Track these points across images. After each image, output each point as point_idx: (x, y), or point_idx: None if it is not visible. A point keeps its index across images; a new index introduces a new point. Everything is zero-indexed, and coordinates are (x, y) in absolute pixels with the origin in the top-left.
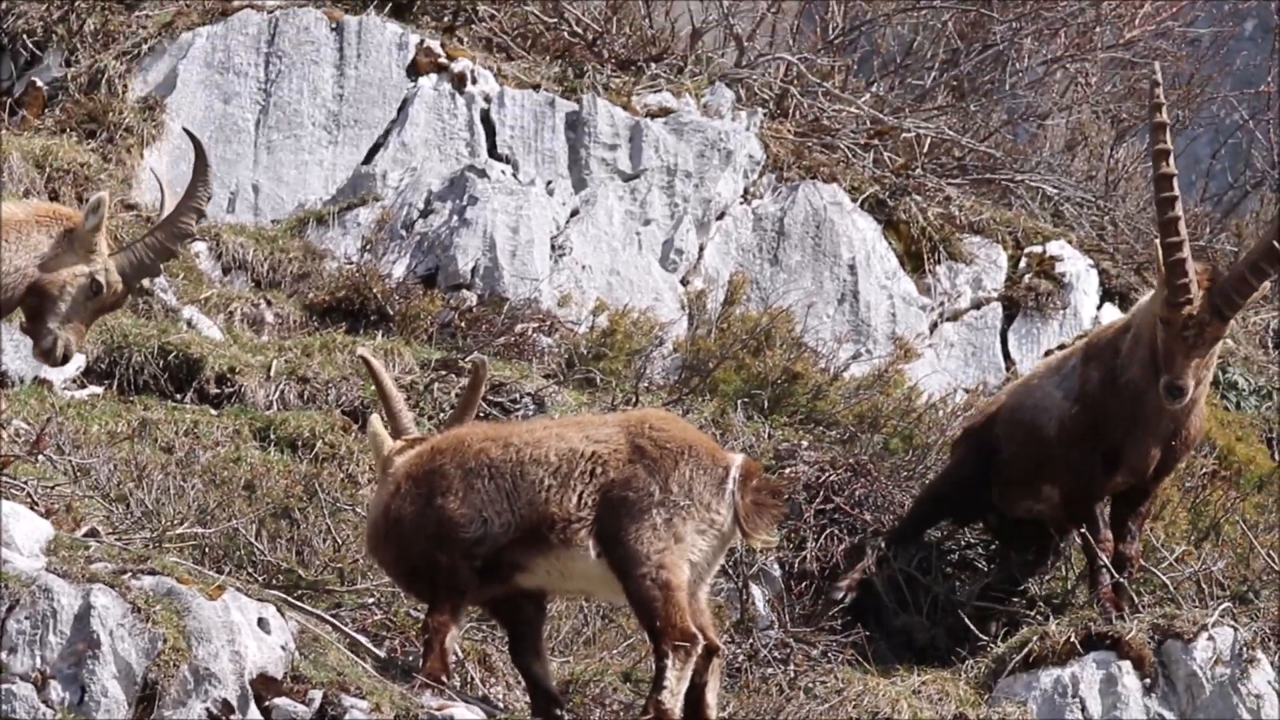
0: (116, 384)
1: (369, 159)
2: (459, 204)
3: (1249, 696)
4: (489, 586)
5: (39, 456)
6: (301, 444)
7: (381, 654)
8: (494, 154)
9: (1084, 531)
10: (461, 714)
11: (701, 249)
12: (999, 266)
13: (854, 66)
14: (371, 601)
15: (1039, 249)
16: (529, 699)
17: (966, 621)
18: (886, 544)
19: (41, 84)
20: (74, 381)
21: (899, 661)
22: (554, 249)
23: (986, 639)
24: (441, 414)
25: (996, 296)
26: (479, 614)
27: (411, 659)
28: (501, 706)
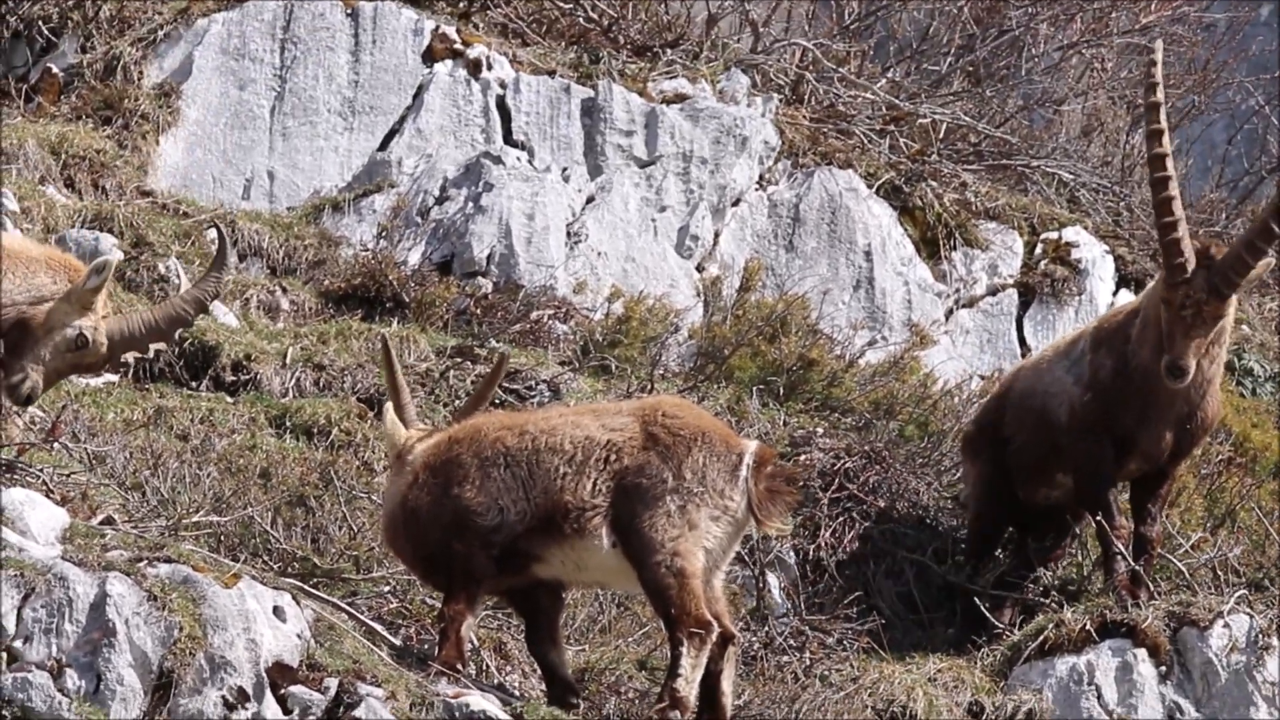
0: (132, 372)
1: (384, 145)
2: (474, 191)
3: (1264, 684)
4: (505, 576)
5: (54, 444)
6: (317, 431)
7: (397, 642)
8: (509, 140)
9: (1098, 519)
10: (477, 702)
11: (717, 235)
12: (1015, 253)
13: (870, 52)
14: (387, 589)
15: (1055, 235)
16: (545, 687)
17: (982, 609)
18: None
19: (57, 70)
20: None
21: (914, 649)
22: (569, 236)
23: (1002, 627)
24: (457, 401)
25: (1012, 283)
26: (495, 602)
27: (427, 647)
28: (517, 694)
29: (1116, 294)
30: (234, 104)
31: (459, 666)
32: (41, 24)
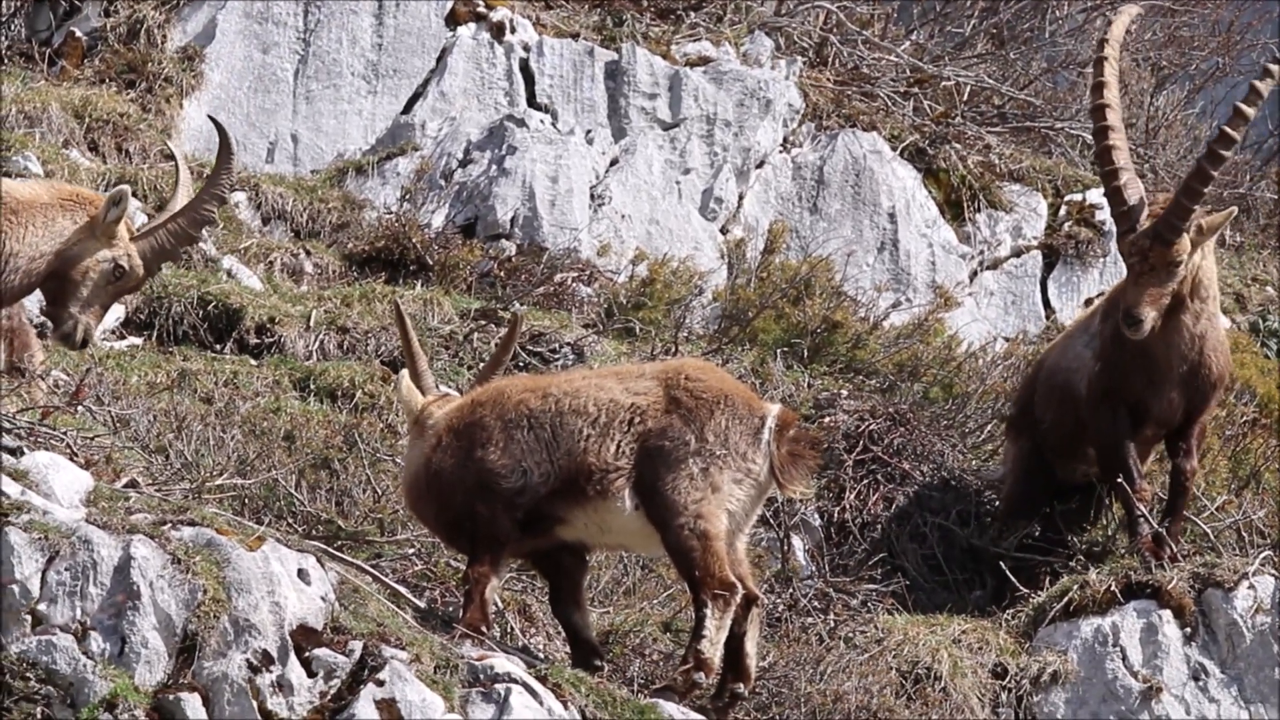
0: (156, 334)
1: (408, 109)
2: (498, 153)
3: None
4: (529, 539)
5: (78, 407)
6: (341, 394)
7: (422, 605)
8: (533, 103)
9: (1120, 481)
10: (502, 664)
11: (741, 198)
12: (1039, 214)
13: (893, 14)
14: (412, 552)
15: (1079, 197)
16: (569, 649)
17: (1006, 573)
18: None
19: (80, 34)
20: (113, 332)
21: (939, 610)
22: (593, 198)
23: (1026, 590)
24: (480, 364)
25: (1036, 245)
26: (519, 565)
27: (452, 610)
28: (541, 657)
29: None
30: (257, 67)
31: (483, 629)
32: None
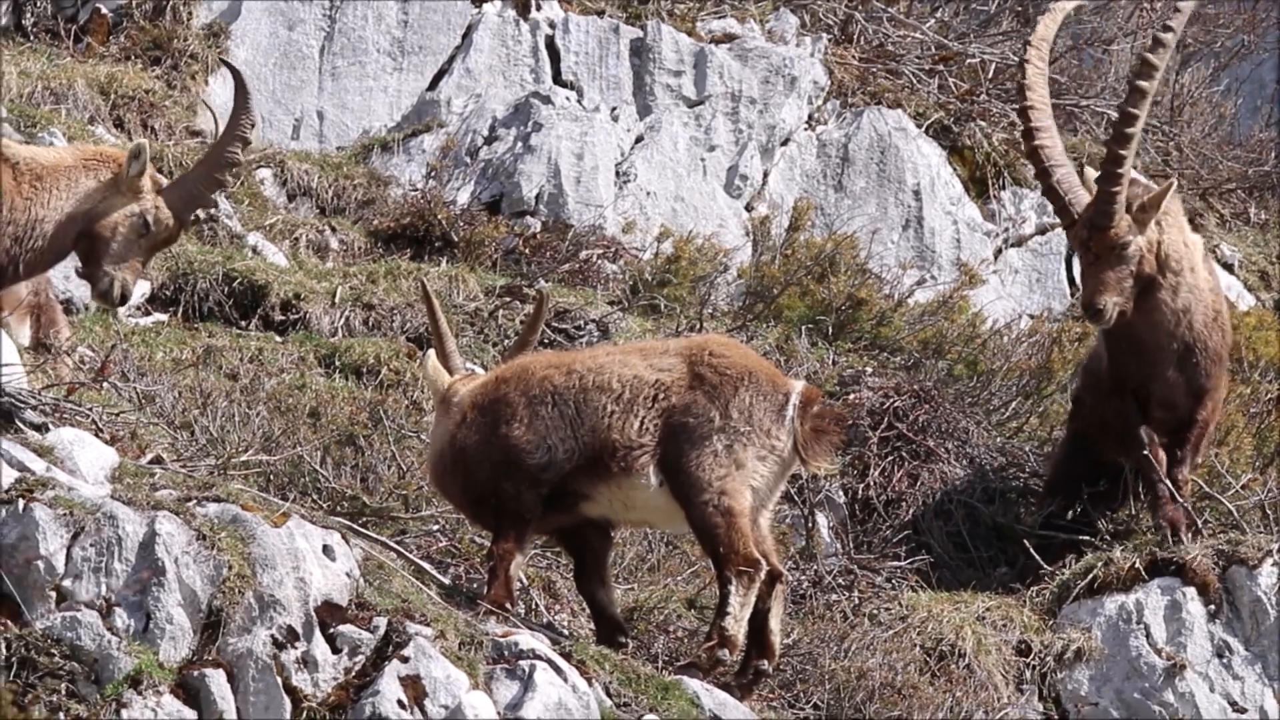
0: (181, 311)
1: (433, 86)
2: (523, 130)
3: None
4: (554, 515)
5: (104, 383)
6: (366, 370)
7: (446, 581)
8: (558, 80)
9: (1142, 454)
10: (526, 641)
11: (766, 175)
12: None
13: None
14: (436, 528)
15: None
16: (593, 626)
17: (1030, 550)
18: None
19: (106, 11)
20: (139, 309)
21: (963, 588)
22: (618, 175)
23: (1050, 568)
24: (506, 340)
25: None
26: (544, 541)
27: (476, 586)
28: (566, 633)
29: None
30: (283, 44)
31: (508, 605)
32: None
